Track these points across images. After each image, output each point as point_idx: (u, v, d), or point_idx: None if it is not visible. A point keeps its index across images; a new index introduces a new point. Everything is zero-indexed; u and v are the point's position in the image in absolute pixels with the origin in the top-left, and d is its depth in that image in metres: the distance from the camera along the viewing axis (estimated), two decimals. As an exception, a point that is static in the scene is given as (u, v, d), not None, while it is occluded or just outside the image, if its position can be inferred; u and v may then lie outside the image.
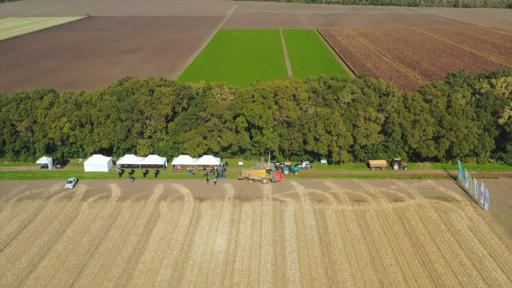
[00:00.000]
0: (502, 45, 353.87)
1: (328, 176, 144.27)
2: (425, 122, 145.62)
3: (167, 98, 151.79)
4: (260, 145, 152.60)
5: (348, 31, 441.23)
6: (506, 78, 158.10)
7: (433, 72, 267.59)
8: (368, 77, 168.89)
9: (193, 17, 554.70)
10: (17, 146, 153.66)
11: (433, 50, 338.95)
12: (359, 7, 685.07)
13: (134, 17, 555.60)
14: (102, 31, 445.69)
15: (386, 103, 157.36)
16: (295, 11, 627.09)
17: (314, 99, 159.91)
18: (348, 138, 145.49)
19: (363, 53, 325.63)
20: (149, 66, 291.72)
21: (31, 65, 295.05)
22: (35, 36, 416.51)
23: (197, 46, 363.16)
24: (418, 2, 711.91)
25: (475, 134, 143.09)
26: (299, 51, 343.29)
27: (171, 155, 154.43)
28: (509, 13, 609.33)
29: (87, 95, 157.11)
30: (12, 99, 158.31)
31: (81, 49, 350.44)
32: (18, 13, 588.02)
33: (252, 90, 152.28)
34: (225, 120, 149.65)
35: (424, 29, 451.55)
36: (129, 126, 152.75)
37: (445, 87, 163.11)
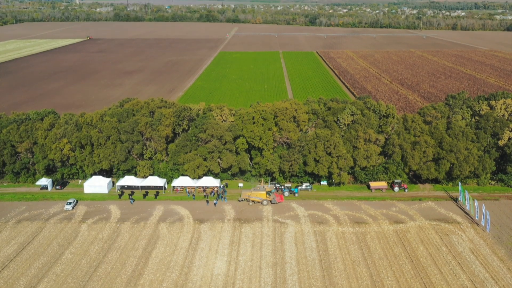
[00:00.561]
0: (501, 67, 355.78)
1: (328, 198, 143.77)
2: (425, 144, 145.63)
3: (167, 120, 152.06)
4: (260, 167, 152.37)
5: (347, 53, 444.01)
6: (505, 100, 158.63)
7: (433, 94, 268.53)
8: (368, 99, 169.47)
9: (194, 40, 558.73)
10: (17, 167, 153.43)
11: (432, 72, 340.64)
12: (358, 30, 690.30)
13: (135, 39, 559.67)
14: (103, 53, 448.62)
15: (386, 124, 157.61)
16: (295, 34, 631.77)
17: (314, 120, 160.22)
18: (348, 160, 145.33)
19: (362, 75, 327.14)
20: (150, 87, 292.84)
21: (32, 87, 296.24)
22: (36, 58, 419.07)
23: (198, 68, 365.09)
24: (417, 25, 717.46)
25: (475, 155, 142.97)
26: (299, 73, 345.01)
27: (171, 176, 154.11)
28: (507, 35, 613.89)
29: (88, 117, 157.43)
30: (12, 120, 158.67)
31: (82, 71, 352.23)
32: (20, 35, 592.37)
33: (252, 112, 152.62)
34: (225, 142, 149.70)
35: (423, 52, 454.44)
36: (129, 148, 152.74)
37: (445, 109, 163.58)
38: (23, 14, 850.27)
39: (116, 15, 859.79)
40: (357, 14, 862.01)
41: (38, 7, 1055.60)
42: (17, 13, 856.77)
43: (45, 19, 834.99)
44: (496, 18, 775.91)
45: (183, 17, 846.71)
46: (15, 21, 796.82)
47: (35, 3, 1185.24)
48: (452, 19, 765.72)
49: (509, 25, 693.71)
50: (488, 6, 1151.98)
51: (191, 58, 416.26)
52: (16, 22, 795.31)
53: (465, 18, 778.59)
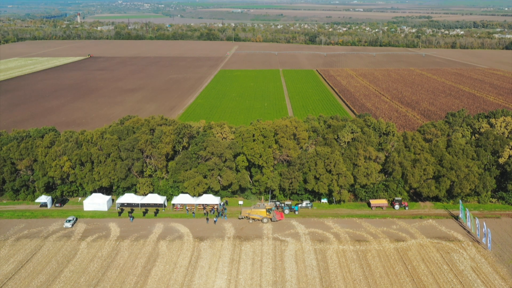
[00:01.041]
0: (500, 86, 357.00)
1: (328, 216, 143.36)
2: (425, 162, 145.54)
3: (167, 137, 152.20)
4: (260, 184, 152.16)
5: (347, 71, 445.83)
6: (505, 118, 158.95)
7: (433, 112, 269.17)
8: (368, 116, 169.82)
9: (194, 58, 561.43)
10: (17, 185, 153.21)
11: (432, 90, 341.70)
12: (358, 48, 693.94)
13: (136, 58, 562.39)
14: (104, 71, 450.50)
15: (386, 142, 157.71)
16: (295, 52, 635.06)
17: (314, 138, 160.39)
18: (348, 177, 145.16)
19: (362, 93, 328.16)
20: (150, 105, 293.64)
21: (33, 104, 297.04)
22: (37, 75, 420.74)
23: (198, 86, 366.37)
24: (416, 44, 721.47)
25: (476, 173, 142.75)
26: (299, 90, 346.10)
27: (171, 194, 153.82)
28: (506, 54, 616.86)
29: (88, 134, 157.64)
30: (13, 137, 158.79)
31: (83, 89, 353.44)
32: (21, 54, 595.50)
33: (252, 129, 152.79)
34: (225, 159, 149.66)
35: (423, 70, 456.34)
36: (129, 165, 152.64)
37: (445, 127, 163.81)
38: (25, 32, 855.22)
39: (117, 33, 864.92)
40: (356, 33, 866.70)
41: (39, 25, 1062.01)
42: (19, 31, 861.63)
43: (46, 37, 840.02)
44: (495, 37, 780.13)
45: (184, 36, 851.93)
46: (16, 39, 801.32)
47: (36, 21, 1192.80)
48: (451, 38, 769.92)
49: (507, 44, 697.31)
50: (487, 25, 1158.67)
51: (191, 76, 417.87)
52: (17, 40, 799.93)
53: (464, 37, 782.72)
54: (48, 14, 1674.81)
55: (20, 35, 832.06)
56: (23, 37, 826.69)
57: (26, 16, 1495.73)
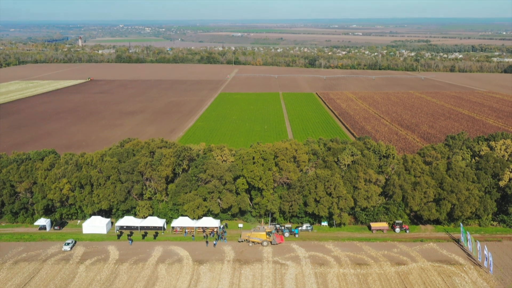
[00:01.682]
0: (500, 109, 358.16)
1: (329, 239, 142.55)
2: (425, 184, 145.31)
3: (167, 160, 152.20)
4: (260, 207, 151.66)
5: (347, 94, 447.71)
6: (505, 141, 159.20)
7: (432, 134, 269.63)
8: (368, 139, 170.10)
9: (195, 81, 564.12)
10: (16, 207, 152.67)
11: (431, 113, 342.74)
12: (358, 72, 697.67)
13: (136, 81, 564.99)
14: (104, 94, 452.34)
15: (386, 165, 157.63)
16: (294, 75, 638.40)
17: (314, 161, 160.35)
18: (348, 200, 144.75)
19: (362, 116, 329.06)
20: (151, 128, 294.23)
21: (33, 127, 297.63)
22: (38, 98, 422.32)
23: (198, 109, 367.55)
24: (415, 67, 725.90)
25: (476, 196, 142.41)
26: (299, 113, 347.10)
27: (170, 216, 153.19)
28: (505, 77, 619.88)
29: (88, 157, 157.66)
30: (13, 160, 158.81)
31: (83, 112, 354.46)
32: (22, 77, 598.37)
33: (252, 152, 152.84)
34: (225, 182, 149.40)
35: (422, 93, 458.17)
36: (129, 188, 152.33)
37: (445, 150, 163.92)
38: (26, 55, 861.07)
39: (118, 57, 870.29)
40: (356, 56, 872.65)
41: (41, 49, 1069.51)
42: (20, 54, 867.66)
43: (48, 61, 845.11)
44: (493, 61, 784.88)
45: (184, 59, 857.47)
46: (18, 62, 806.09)
47: (38, 45, 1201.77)
48: (450, 61, 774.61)
49: (506, 67, 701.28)
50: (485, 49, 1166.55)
51: (192, 99, 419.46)
52: (19, 63, 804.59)
53: (462, 60, 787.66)
54: (50, 37, 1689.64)
55: (22, 58, 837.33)
56: (25, 60, 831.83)
57: (28, 40, 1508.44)
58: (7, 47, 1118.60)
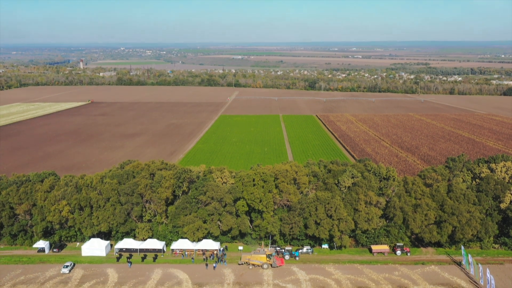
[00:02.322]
0: (500, 131, 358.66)
1: (329, 262, 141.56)
2: (426, 207, 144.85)
3: (167, 182, 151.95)
4: (260, 229, 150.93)
5: (347, 116, 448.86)
6: (505, 163, 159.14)
7: (432, 157, 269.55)
8: (368, 161, 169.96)
9: (195, 103, 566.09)
10: (15, 230, 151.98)
11: (431, 135, 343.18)
12: (357, 94, 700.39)
13: (137, 103, 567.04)
14: (105, 116, 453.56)
15: (387, 187, 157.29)
16: (294, 98, 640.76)
17: (315, 183, 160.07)
18: (349, 223, 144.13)
19: (362, 138, 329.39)
20: (151, 150, 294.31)
21: (33, 149, 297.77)
22: (39, 120, 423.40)
23: (199, 131, 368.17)
24: (414, 89, 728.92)
25: (478, 218, 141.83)
26: (299, 136, 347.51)
27: (170, 239, 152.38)
28: (504, 100, 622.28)
29: (88, 178, 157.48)
30: (12, 182, 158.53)
31: (83, 134, 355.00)
32: (24, 99, 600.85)
33: (252, 174, 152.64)
34: (225, 204, 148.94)
35: (422, 115, 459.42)
36: (128, 210, 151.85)
37: (445, 172, 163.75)
38: (28, 78, 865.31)
39: (119, 79, 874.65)
40: (355, 79, 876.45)
41: (42, 71, 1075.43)
42: (22, 77, 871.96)
43: (49, 83, 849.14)
44: (492, 83, 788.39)
45: (185, 81, 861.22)
46: (19, 85, 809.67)
47: (40, 67, 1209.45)
48: (449, 84, 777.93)
49: (505, 90, 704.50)
50: (484, 72, 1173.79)
51: (192, 121, 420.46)
52: (20, 86, 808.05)
53: (462, 83, 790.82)
54: (51, 60, 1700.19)
55: (23, 81, 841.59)
56: (26, 82, 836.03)
57: (30, 63, 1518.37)
58: (8, 69, 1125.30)
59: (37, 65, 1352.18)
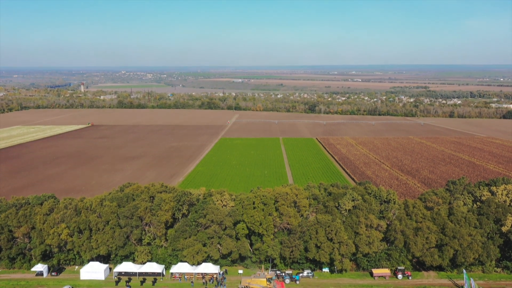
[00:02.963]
0: (500, 154, 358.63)
1: (330, 285, 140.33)
2: (427, 230, 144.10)
3: (167, 205, 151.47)
4: (260, 253, 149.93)
5: (347, 139, 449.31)
6: (506, 186, 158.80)
7: (433, 180, 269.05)
8: (369, 184, 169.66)
9: (195, 126, 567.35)
10: (13, 253, 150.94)
11: (431, 158, 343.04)
12: (357, 117, 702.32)
13: (137, 126, 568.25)
14: (105, 139, 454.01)
15: (387, 210, 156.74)
16: (294, 121, 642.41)
17: (315, 206, 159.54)
18: (350, 246, 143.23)
19: (362, 161, 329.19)
20: (151, 173, 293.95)
21: (33, 172, 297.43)
22: (39, 143, 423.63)
23: (199, 154, 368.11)
24: (414, 113, 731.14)
25: (479, 242, 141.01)
26: (299, 158, 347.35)
27: (169, 262, 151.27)
28: (504, 123, 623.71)
29: (87, 201, 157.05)
30: (11, 204, 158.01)
31: (83, 156, 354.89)
32: (24, 122, 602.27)
33: (252, 197, 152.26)
34: (225, 227, 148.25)
35: (422, 138, 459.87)
36: (128, 233, 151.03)
37: (446, 195, 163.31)
38: (29, 101, 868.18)
39: (119, 102, 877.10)
40: (355, 102, 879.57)
41: (43, 94, 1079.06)
42: (23, 100, 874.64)
43: (50, 106, 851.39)
44: (492, 106, 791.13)
45: (185, 104, 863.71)
46: (20, 108, 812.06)
47: (41, 90, 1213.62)
48: (449, 107, 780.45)
49: (505, 113, 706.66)
50: (484, 95, 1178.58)
51: (192, 144, 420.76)
52: (21, 109, 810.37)
53: (461, 106, 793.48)
54: (52, 83, 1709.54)
55: (24, 103, 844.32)
56: (27, 105, 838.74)
57: (31, 86, 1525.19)
58: (10, 92, 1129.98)
59: (38, 88, 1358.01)
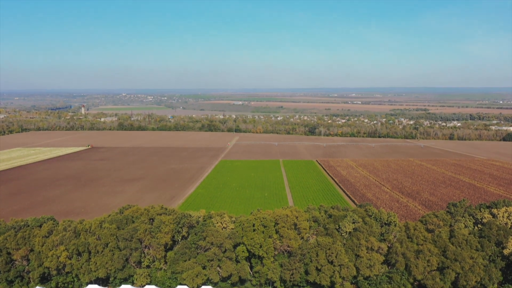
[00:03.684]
0: (500, 176, 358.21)
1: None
2: (428, 253, 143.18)
3: (167, 227, 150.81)
4: (260, 276, 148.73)
5: (347, 161, 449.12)
6: (507, 208, 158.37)
7: (434, 202, 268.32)
8: (369, 206, 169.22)
9: (196, 148, 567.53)
10: (11, 276, 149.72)
11: (432, 180, 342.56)
12: (357, 139, 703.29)
13: (137, 148, 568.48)
14: (105, 161, 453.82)
15: (388, 232, 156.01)
16: (295, 143, 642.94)
17: (315, 228, 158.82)
18: (351, 269, 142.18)
19: (362, 183, 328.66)
20: (151, 195, 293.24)
21: (33, 194, 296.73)
22: (39, 165, 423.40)
23: (199, 176, 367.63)
24: (414, 135, 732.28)
25: (481, 265, 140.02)
26: (299, 181, 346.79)
27: (168, 285, 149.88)
28: (503, 145, 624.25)
29: (87, 223, 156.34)
30: (10, 227, 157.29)
31: (83, 178, 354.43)
32: (24, 144, 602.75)
33: (252, 219, 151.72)
34: (225, 249, 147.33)
35: (422, 160, 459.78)
36: (127, 255, 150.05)
37: (447, 217, 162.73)
38: (30, 123, 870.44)
39: (120, 124, 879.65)
40: (355, 124, 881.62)
41: (44, 116, 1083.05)
42: (24, 122, 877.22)
43: (50, 128, 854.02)
44: (491, 129, 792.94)
45: (186, 127, 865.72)
46: (21, 130, 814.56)
47: (41, 112, 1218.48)
48: (449, 129, 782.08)
49: (505, 135, 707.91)
50: (483, 117, 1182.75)
51: (192, 166, 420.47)
52: (22, 131, 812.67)
53: (461, 129, 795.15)
54: (53, 106, 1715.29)
55: (25, 125, 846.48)
56: (28, 127, 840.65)
57: (32, 108, 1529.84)
58: (10, 114, 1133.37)
59: (39, 110, 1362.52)
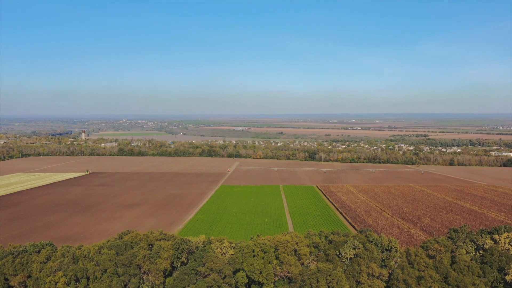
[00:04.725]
0: (501, 202, 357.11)
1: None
2: (430, 279, 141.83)
3: (166, 252, 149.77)
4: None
5: (347, 187, 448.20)
6: (508, 234, 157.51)
7: (434, 228, 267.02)
8: (370, 232, 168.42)
9: (195, 174, 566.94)
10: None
11: (432, 206, 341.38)
12: (357, 165, 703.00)
13: (137, 173, 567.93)
14: (105, 186, 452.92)
15: (389, 258, 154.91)
16: (295, 168, 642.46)
17: (316, 254, 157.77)
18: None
19: (363, 209, 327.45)
20: (150, 220, 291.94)
21: (31, 219, 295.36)
22: (38, 191, 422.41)
23: (199, 201, 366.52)
24: (414, 160, 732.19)
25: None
26: (299, 206, 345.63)
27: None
28: (504, 171, 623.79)
29: (85, 249, 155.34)
30: (8, 252, 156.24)
31: (82, 204, 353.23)
32: (24, 169, 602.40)
33: (252, 245, 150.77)
34: (224, 276, 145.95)
35: (423, 186, 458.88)
36: (125, 282, 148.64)
37: (448, 243, 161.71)
38: (30, 148, 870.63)
39: (120, 150, 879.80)
40: (355, 150, 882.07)
41: (44, 142, 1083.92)
42: (24, 147, 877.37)
43: (50, 154, 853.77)
44: (491, 154, 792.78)
45: (186, 152, 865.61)
46: (21, 155, 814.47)
47: (42, 138, 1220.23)
48: (449, 155, 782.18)
49: (505, 161, 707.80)
50: (483, 143, 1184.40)
51: (192, 192, 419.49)
52: (22, 156, 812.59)
53: (461, 154, 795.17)
54: (54, 131, 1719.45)
55: (25, 151, 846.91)
56: (28, 153, 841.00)
57: (32, 133, 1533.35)
58: (11, 140, 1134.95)
59: (40, 136, 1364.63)
